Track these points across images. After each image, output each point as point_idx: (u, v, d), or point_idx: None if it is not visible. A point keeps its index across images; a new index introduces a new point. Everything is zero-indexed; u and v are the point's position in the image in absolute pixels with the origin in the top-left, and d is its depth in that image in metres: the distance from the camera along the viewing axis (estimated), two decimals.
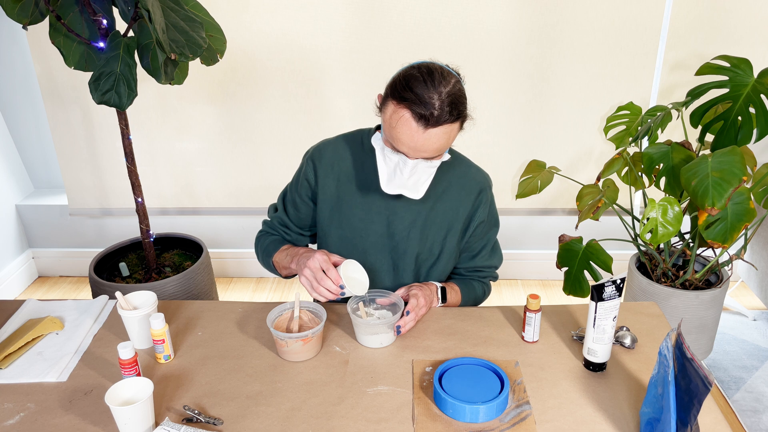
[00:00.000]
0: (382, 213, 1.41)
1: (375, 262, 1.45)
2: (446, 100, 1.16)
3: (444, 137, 1.20)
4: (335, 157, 1.42)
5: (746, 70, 1.94)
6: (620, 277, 1.18)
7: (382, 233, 1.42)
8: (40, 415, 1.13)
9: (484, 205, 1.45)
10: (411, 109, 1.16)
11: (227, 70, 2.57)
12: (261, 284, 2.99)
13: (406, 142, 1.19)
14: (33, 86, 2.75)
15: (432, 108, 1.15)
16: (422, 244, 1.43)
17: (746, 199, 1.86)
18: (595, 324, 1.18)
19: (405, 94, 1.16)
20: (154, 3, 1.67)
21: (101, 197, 2.88)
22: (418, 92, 1.15)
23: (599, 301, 1.16)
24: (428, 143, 1.19)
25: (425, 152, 1.21)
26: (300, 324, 1.31)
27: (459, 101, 1.19)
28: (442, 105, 1.16)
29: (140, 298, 1.34)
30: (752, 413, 2.08)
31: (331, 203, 1.44)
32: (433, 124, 1.16)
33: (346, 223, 1.43)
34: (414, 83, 1.17)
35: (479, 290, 1.54)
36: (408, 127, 1.17)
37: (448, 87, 1.17)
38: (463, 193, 1.43)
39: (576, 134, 2.66)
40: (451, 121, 1.18)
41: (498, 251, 1.55)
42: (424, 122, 1.16)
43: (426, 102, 1.15)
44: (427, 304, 1.36)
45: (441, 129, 1.18)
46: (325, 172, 1.42)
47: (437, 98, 1.15)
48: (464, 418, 1.09)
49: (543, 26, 2.44)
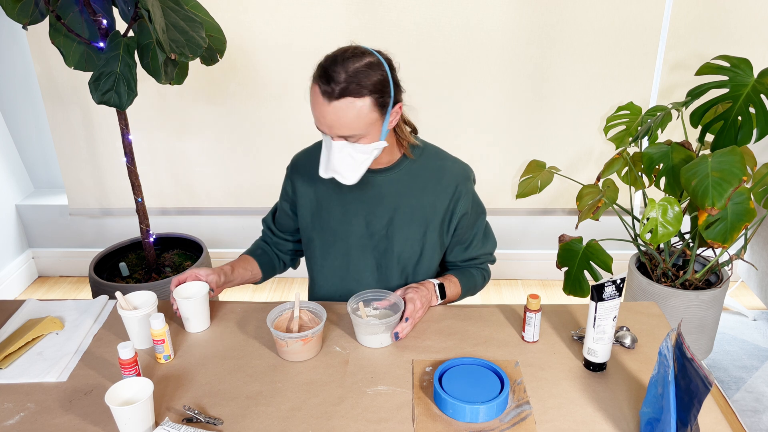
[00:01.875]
0: (360, 213, 1.42)
1: (359, 262, 1.46)
2: (351, 74, 1.19)
3: (350, 112, 1.20)
4: (310, 164, 1.46)
5: (746, 70, 1.94)
6: (620, 277, 1.18)
7: (362, 233, 1.44)
8: (40, 415, 1.13)
9: (465, 197, 1.43)
10: (318, 84, 1.21)
11: (227, 70, 2.57)
12: (261, 284, 2.99)
13: (317, 116, 1.24)
14: (33, 86, 2.75)
15: (333, 82, 1.18)
16: (403, 242, 1.44)
17: (746, 199, 1.86)
18: (595, 324, 1.18)
19: (316, 72, 1.22)
20: (154, 3, 1.67)
21: (101, 197, 2.88)
22: (326, 67, 1.20)
23: (599, 301, 1.16)
24: (335, 117, 1.21)
25: (336, 128, 1.23)
26: (300, 324, 1.31)
27: (364, 76, 1.20)
28: (347, 78, 1.18)
29: (140, 298, 1.34)
30: (752, 413, 2.08)
31: (312, 209, 1.47)
32: (336, 97, 1.19)
33: (326, 226, 1.45)
34: (326, 61, 1.22)
35: (478, 277, 1.55)
36: (317, 101, 1.22)
37: (357, 63, 1.20)
38: (440, 188, 1.42)
39: (576, 134, 2.66)
40: (355, 96, 1.19)
41: (490, 237, 1.56)
42: (328, 96, 1.19)
43: (330, 75, 1.19)
44: (424, 306, 1.36)
45: (344, 102, 1.19)
46: (303, 181, 1.46)
47: (342, 72, 1.19)
48: (464, 418, 1.09)
49: (543, 26, 2.44)
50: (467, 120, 2.63)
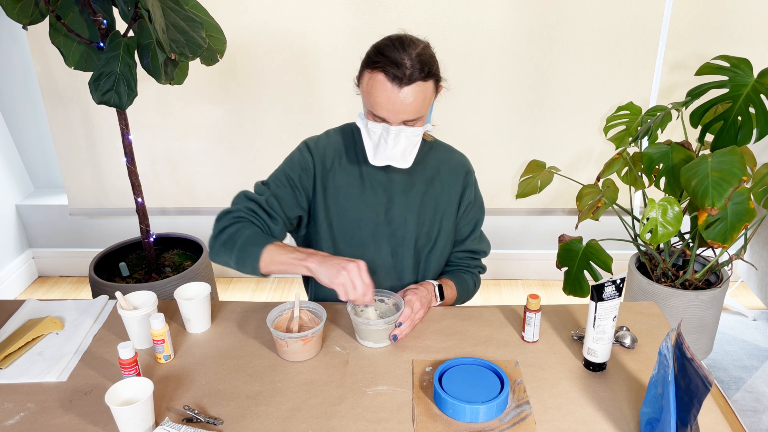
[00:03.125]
0: (379, 201, 1.43)
1: (374, 250, 1.45)
2: (416, 59, 1.22)
3: (420, 95, 1.24)
4: (329, 149, 1.45)
5: (746, 70, 1.94)
6: (620, 277, 1.18)
7: (380, 221, 1.44)
8: (40, 415, 1.13)
9: (470, 187, 1.51)
10: (384, 71, 1.22)
11: (227, 70, 2.57)
12: (261, 284, 2.99)
13: (383, 104, 1.24)
14: (33, 86, 2.75)
15: (403, 67, 1.21)
16: (420, 229, 1.46)
17: (746, 199, 1.86)
18: (595, 324, 1.18)
19: (377, 59, 1.23)
20: (154, 3, 1.67)
21: (101, 197, 2.88)
22: (389, 54, 1.22)
23: (599, 301, 1.16)
24: (405, 102, 1.24)
25: (404, 113, 1.25)
26: (300, 324, 1.31)
27: (429, 61, 1.25)
28: (413, 64, 1.22)
29: (140, 298, 1.34)
30: (752, 413, 2.08)
31: (328, 193, 1.44)
32: (406, 82, 1.22)
33: (343, 213, 1.43)
34: (385, 48, 1.24)
35: (470, 283, 1.57)
36: (384, 88, 1.23)
37: (417, 49, 1.24)
38: (452, 176, 1.48)
39: (576, 134, 2.66)
40: (423, 79, 1.23)
41: (485, 238, 1.61)
42: (398, 81, 1.21)
43: (397, 62, 1.21)
44: (423, 307, 1.36)
45: (415, 86, 1.23)
46: (322, 163, 1.44)
47: (408, 58, 1.22)
48: (464, 418, 1.09)
49: (543, 26, 2.44)
50: (467, 120, 2.63)
